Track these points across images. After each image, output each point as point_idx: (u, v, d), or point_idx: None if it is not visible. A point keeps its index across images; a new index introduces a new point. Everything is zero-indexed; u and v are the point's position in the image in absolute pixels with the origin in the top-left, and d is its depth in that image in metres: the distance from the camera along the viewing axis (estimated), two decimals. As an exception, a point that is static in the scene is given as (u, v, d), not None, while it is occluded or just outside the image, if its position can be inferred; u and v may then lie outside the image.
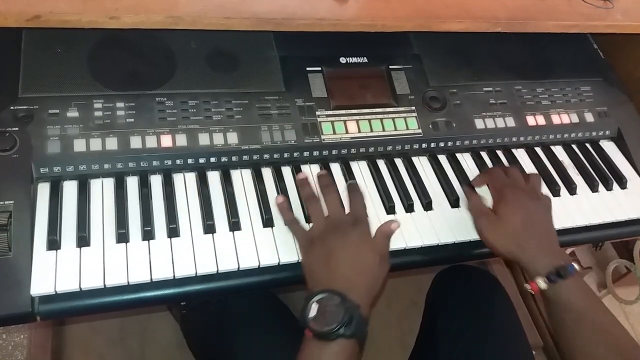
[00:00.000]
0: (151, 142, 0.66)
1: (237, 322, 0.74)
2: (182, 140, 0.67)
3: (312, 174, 0.72)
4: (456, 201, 0.74)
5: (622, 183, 0.82)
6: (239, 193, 0.68)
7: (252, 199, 0.68)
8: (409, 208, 0.72)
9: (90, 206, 0.63)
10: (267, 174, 0.71)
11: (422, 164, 0.78)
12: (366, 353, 0.59)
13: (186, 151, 0.67)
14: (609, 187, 0.82)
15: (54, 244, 0.58)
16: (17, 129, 0.62)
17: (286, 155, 0.71)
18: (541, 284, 0.60)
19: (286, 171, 0.72)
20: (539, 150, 0.85)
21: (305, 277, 0.61)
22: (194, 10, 0.65)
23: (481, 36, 0.79)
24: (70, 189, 0.64)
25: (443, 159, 0.79)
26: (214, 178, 0.69)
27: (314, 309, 0.54)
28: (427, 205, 0.73)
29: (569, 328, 0.59)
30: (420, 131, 0.77)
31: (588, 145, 0.87)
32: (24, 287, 0.55)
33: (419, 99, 0.79)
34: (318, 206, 0.65)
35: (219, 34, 0.70)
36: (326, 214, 0.64)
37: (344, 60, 0.79)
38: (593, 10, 0.83)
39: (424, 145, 0.78)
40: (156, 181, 0.67)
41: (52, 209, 0.61)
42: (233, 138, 0.69)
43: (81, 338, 1.06)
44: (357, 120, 0.75)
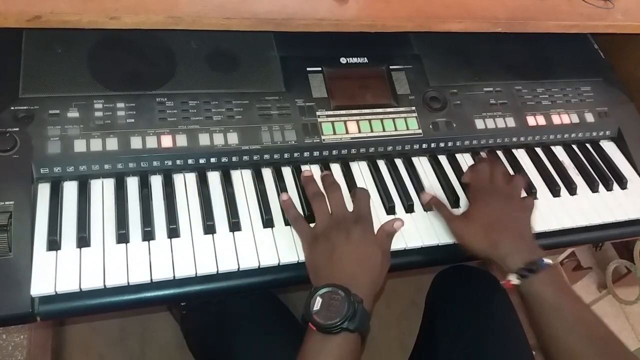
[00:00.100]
0: (151, 142, 0.66)
1: (237, 322, 0.74)
2: (182, 141, 0.67)
3: (315, 174, 0.72)
4: (456, 202, 0.74)
5: (622, 183, 0.82)
6: (239, 193, 0.68)
7: (252, 200, 0.68)
8: (409, 208, 0.72)
9: (91, 207, 0.63)
10: (267, 174, 0.71)
11: (422, 164, 0.78)
12: (366, 353, 0.59)
13: (186, 151, 0.67)
14: (609, 188, 0.82)
15: (54, 244, 0.58)
16: (17, 129, 0.62)
17: (286, 156, 0.71)
18: (513, 279, 0.61)
19: (286, 171, 0.72)
20: (539, 150, 0.85)
21: (308, 273, 0.62)
22: (194, 10, 0.65)
23: (481, 36, 0.79)
24: (71, 189, 0.64)
25: (443, 159, 0.79)
26: (214, 178, 0.69)
27: (318, 302, 0.55)
28: (427, 206, 0.72)
29: (543, 322, 0.60)
30: (421, 131, 0.77)
31: (588, 146, 0.87)
32: (24, 288, 0.55)
33: (419, 99, 0.79)
34: (323, 203, 0.65)
35: (219, 34, 0.70)
36: (330, 211, 0.65)
37: (344, 60, 0.79)
38: (593, 10, 0.83)
39: (424, 146, 0.77)
40: (156, 181, 0.67)
41: (53, 209, 0.61)
42: (233, 138, 0.69)
43: (81, 338, 1.06)
44: (358, 121, 0.75)
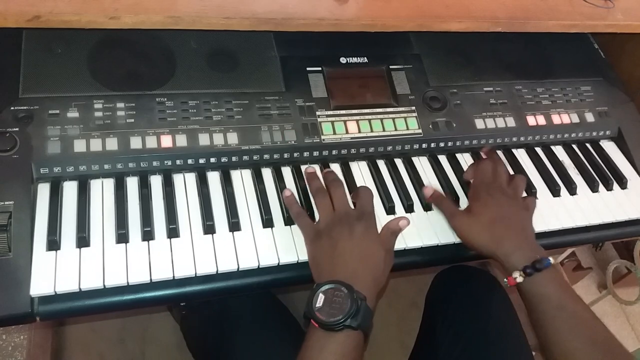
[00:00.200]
0: (151, 142, 0.66)
1: (237, 322, 0.74)
2: (182, 141, 0.67)
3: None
4: (456, 201, 0.74)
5: (623, 183, 0.82)
6: (238, 193, 0.68)
7: (252, 200, 0.68)
8: (409, 208, 0.72)
9: (90, 207, 0.63)
10: (267, 174, 0.71)
11: (422, 164, 0.78)
12: (366, 352, 0.59)
13: (186, 151, 0.67)
14: (609, 187, 0.81)
15: (53, 244, 0.58)
16: (17, 129, 0.62)
17: (286, 156, 0.71)
18: (518, 277, 0.61)
19: (286, 171, 0.72)
20: (539, 150, 0.85)
21: (310, 269, 0.62)
22: (193, 10, 0.65)
23: (481, 36, 0.79)
24: (70, 189, 0.64)
25: (443, 159, 0.79)
26: (213, 178, 0.69)
27: (320, 299, 0.55)
28: (427, 206, 0.72)
29: (545, 320, 0.60)
30: (421, 131, 0.77)
31: (588, 145, 0.87)
32: (23, 288, 0.55)
33: (419, 99, 0.79)
34: (326, 199, 0.66)
35: (219, 34, 0.71)
36: (333, 208, 0.65)
37: (344, 60, 0.79)
38: (593, 10, 0.83)
39: (424, 146, 0.77)
40: (156, 181, 0.67)
41: (52, 209, 0.61)
42: (233, 138, 0.69)
43: (81, 338, 1.06)
44: (357, 121, 0.75)
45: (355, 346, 0.54)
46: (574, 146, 0.87)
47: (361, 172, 0.75)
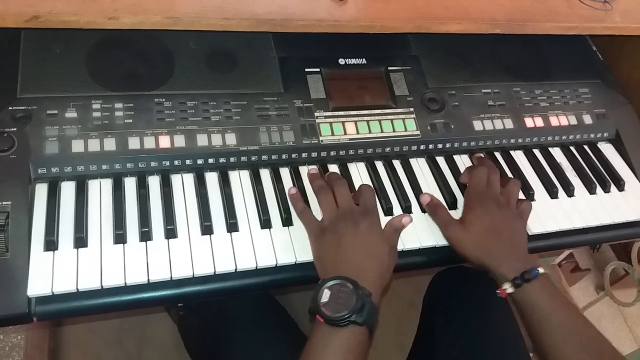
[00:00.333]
0: (149, 142, 0.66)
1: (235, 323, 0.74)
2: (180, 141, 0.67)
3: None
4: (454, 203, 0.74)
5: (620, 185, 0.82)
6: (236, 194, 0.68)
7: (250, 200, 0.68)
8: (407, 210, 0.72)
9: (88, 207, 0.63)
10: (265, 175, 0.71)
11: (420, 165, 0.78)
12: (364, 354, 0.59)
13: (184, 152, 0.67)
14: (606, 189, 0.82)
15: (51, 244, 0.58)
16: (15, 129, 0.62)
17: (284, 157, 0.71)
18: (508, 288, 0.62)
19: (284, 172, 0.72)
20: (537, 152, 0.85)
21: (315, 265, 0.62)
22: (192, 10, 0.65)
23: (480, 38, 0.79)
24: (68, 189, 0.64)
25: (441, 160, 0.79)
26: (212, 179, 0.69)
27: (325, 294, 0.55)
28: (425, 207, 0.73)
29: (537, 329, 0.61)
30: (419, 133, 0.77)
31: (586, 147, 0.87)
32: (20, 288, 0.55)
33: (417, 100, 0.79)
34: (329, 197, 0.66)
35: (218, 35, 0.70)
36: (336, 205, 0.65)
37: (342, 61, 0.79)
38: (592, 12, 0.83)
39: (422, 147, 0.78)
40: (154, 182, 0.67)
41: (50, 209, 0.61)
42: (231, 139, 0.69)
43: (78, 339, 1.05)
44: (356, 122, 0.75)
45: (360, 342, 0.55)
46: (572, 148, 0.87)
47: (359, 173, 0.75)
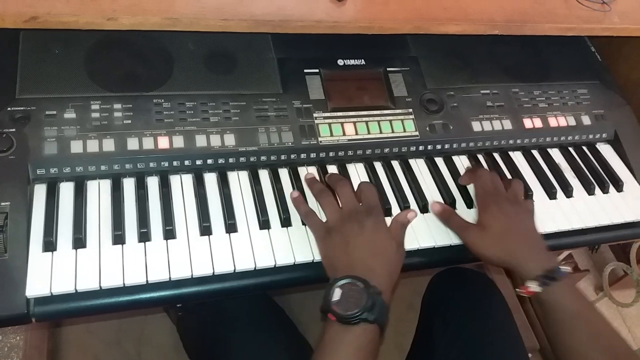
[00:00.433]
0: (148, 143, 0.66)
1: (233, 324, 0.74)
2: (179, 142, 0.67)
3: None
4: (453, 204, 0.74)
5: (619, 186, 0.82)
6: (235, 195, 0.68)
7: (248, 201, 0.68)
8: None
9: (87, 208, 0.63)
10: (264, 175, 0.71)
11: (418, 166, 0.78)
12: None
13: (183, 153, 0.67)
14: (605, 190, 0.82)
15: (49, 245, 0.58)
16: (14, 130, 0.62)
17: (283, 157, 0.71)
18: (534, 286, 0.61)
19: (283, 173, 0.72)
20: (535, 152, 0.85)
21: (324, 266, 0.62)
22: (191, 11, 0.65)
23: (479, 39, 0.79)
24: (67, 190, 0.64)
25: (440, 161, 0.79)
26: (210, 180, 0.69)
27: (337, 293, 0.56)
28: (424, 208, 0.73)
29: (562, 329, 0.60)
30: (418, 133, 0.77)
31: (585, 148, 0.87)
32: (19, 289, 0.55)
33: (416, 101, 0.79)
34: (331, 198, 0.66)
35: (217, 36, 0.71)
36: (339, 205, 0.65)
37: (341, 62, 0.79)
38: (590, 13, 0.84)
39: (421, 148, 0.78)
40: (153, 183, 0.67)
41: (49, 210, 0.61)
42: (230, 140, 0.69)
43: (77, 339, 1.05)
44: (355, 123, 0.75)
45: (371, 339, 0.55)
46: (571, 149, 0.87)
47: (358, 174, 0.75)
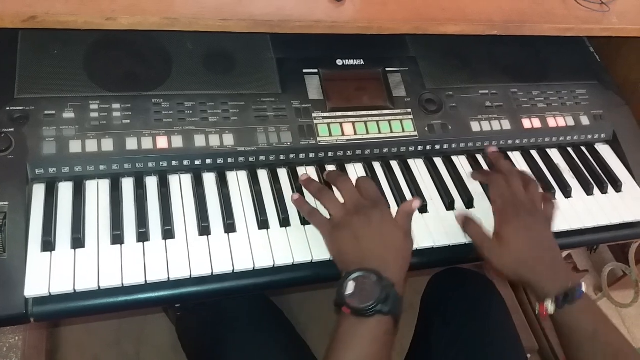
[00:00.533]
0: (147, 143, 0.66)
1: (232, 324, 0.74)
2: (178, 142, 0.67)
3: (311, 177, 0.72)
4: (451, 204, 0.74)
5: (617, 186, 0.82)
6: (234, 195, 0.68)
7: (247, 201, 0.68)
8: (405, 210, 0.72)
9: (86, 207, 0.63)
10: (262, 175, 0.71)
11: (417, 166, 0.78)
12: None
13: (182, 153, 0.67)
14: (604, 191, 0.82)
15: (48, 245, 0.58)
16: (12, 129, 0.62)
17: (282, 157, 0.71)
18: (550, 307, 0.61)
19: (282, 173, 0.72)
20: (534, 153, 0.85)
21: (335, 262, 0.62)
22: (190, 11, 0.65)
23: (478, 39, 0.79)
24: (66, 190, 0.64)
25: (439, 161, 0.79)
26: (209, 180, 0.69)
27: (350, 286, 0.56)
28: (423, 208, 0.73)
29: (580, 351, 0.60)
30: (416, 134, 0.77)
31: (583, 149, 0.87)
32: (17, 289, 0.55)
33: (415, 101, 0.79)
34: (332, 195, 0.66)
35: (216, 36, 0.71)
36: (342, 201, 0.65)
37: (340, 62, 0.79)
38: (589, 14, 0.84)
39: (420, 148, 0.78)
40: (152, 182, 0.67)
41: (47, 210, 0.61)
42: (229, 140, 0.69)
43: (76, 340, 1.05)
44: (354, 123, 0.75)
45: (386, 331, 0.56)
46: (569, 149, 0.87)
47: (357, 174, 0.75)
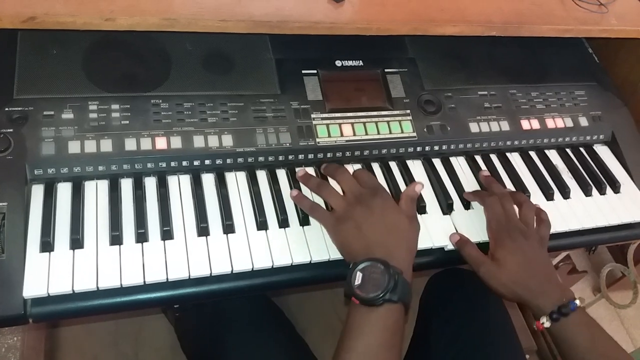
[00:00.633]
0: (146, 144, 0.66)
1: (231, 324, 0.74)
2: (176, 143, 0.67)
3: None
4: (450, 205, 0.74)
5: (616, 187, 0.83)
6: (233, 196, 0.68)
7: (246, 202, 0.68)
8: (404, 211, 0.72)
9: (84, 208, 0.63)
10: (261, 176, 0.71)
11: (416, 167, 0.78)
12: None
13: (181, 153, 0.67)
14: (602, 192, 0.82)
15: (47, 246, 0.58)
16: (11, 130, 0.62)
17: (281, 158, 0.71)
18: (545, 322, 0.62)
19: (281, 174, 0.72)
20: (533, 154, 0.85)
21: (342, 255, 0.63)
22: (189, 12, 0.65)
23: (476, 40, 0.79)
24: (64, 190, 0.64)
25: (437, 162, 0.79)
26: (208, 180, 0.69)
27: (358, 277, 0.57)
28: (421, 209, 0.73)
29: None
30: (415, 135, 0.77)
31: (582, 150, 0.88)
32: (16, 289, 0.55)
33: (414, 102, 0.79)
34: (331, 188, 0.66)
35: (215, 36, 0.71)
36: (342, 193, 0.66)
37: (339, 63, 0.79)
38: (588, 15, 0.84)
39: (419, 149, 0.78)
40: (150, 183, 0.67)
41: (46, 210, 0.61)
42: (228, 140, 0.69)
43: (75, 340, 1.05)
44: (352, 124, 0.75)
45: (396, 319, 0.56)
46: (568, 150, 0.87)
47: (356, 175, 0.75)
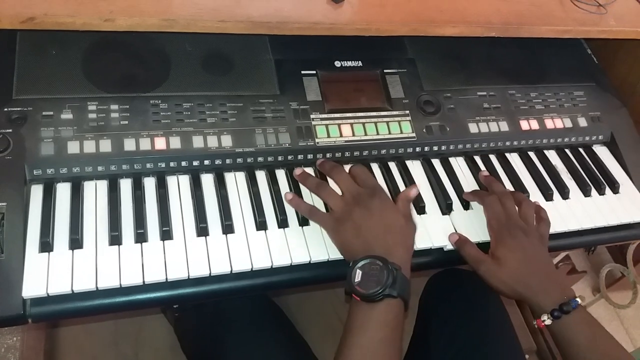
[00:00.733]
0: (145, 144, 0.66)
1: (231, 324, 0.74)
2: (176, 143, 0.67)
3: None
4: (449, 205, 0.74)
5: (615, 188, 0.83)
6: (232, 196, 0.68)
7: (245, 202, 0.68)
8: (403, 212, 0.72)
9: (84, 208, 0.63)
10: (261, 177, 0.71)
11: (415, 167, 0.78)
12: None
13: (180, 154, 0.67)
14: (601, 192, 0.82)
15: (46, 246, 0.58)
16: (10, 130, 0.62)
17: (280, 159, 0.72)
18: (546, 320, 0.62)
19: (280, 174, 0.72)
20: (532, 154, 0.85)
21: (342, 254, 0.64)
22: (188, 13, 0.65)
23: (476, 41, 0.79)
24: (64, 191, 0.64)
25: (437, 162, 0.79)
26: (207, 181, 0.69)
27: (358, 274, 0.58)
28: (421, 209, 0.73)
29: None
30: (414, 135, 0.77)
31: (581, 150, 0.88)
32: (15, 289, 0.55)
33: (413, 103, 0.79)
34: (330, 189, 0.67)
35: (214, 37, 0.71)
36: (340, 193, 0.66)
37: (338, 64, 0.80)
38: (587, 16, 0.84)
39: (418, 149, 0.78)
40: (150, 184, 0.67)
41: (45, 211, 0.61)
42: (227, 141, 0.69)
43: (74, 340, 1.05)
44: (352, 124, 0.75)
45: (396, 314, 0.57)
46: (567, 151, 0.87)
47: (355, 176, 0.75)
